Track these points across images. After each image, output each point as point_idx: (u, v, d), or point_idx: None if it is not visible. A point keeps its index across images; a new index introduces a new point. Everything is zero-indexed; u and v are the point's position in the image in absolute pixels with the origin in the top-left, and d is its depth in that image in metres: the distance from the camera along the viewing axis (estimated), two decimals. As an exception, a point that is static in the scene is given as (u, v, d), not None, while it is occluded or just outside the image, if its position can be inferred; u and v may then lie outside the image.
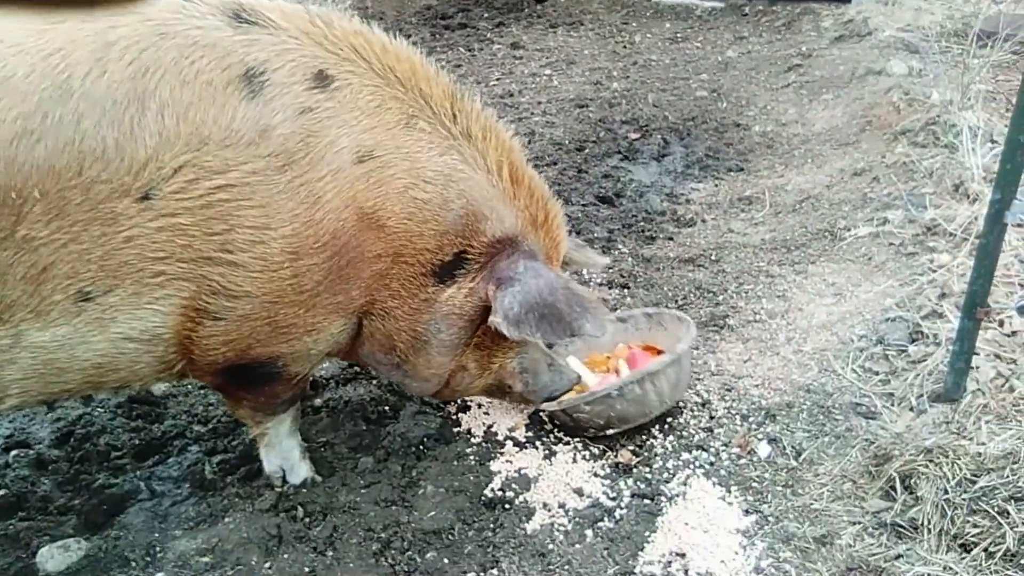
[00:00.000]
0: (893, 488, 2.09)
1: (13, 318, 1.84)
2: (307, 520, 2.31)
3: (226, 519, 2.33)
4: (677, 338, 2.58)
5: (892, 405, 2.43)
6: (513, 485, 2.35)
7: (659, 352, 2.58)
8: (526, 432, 2.57)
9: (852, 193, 3.93)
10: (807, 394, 2.59)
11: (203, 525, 2.34)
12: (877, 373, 2.60)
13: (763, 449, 2.38)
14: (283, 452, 2.40)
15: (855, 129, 4.69)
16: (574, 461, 2.44)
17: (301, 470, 2.43)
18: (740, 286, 3.33)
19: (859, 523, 2.07)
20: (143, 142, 1.77)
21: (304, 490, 2.41)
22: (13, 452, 2.74)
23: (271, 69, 1.88)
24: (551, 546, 2.15)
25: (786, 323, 3.01)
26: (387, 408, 2.80)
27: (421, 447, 2.58)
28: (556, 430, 2.58)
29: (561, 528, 2.20)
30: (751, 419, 2.53)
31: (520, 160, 2.23)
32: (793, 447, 2.38)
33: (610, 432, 2.44)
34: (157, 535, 2.32)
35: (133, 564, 2.23)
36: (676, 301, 3.29)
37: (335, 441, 2.66)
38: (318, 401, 2.88)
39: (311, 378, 2.50)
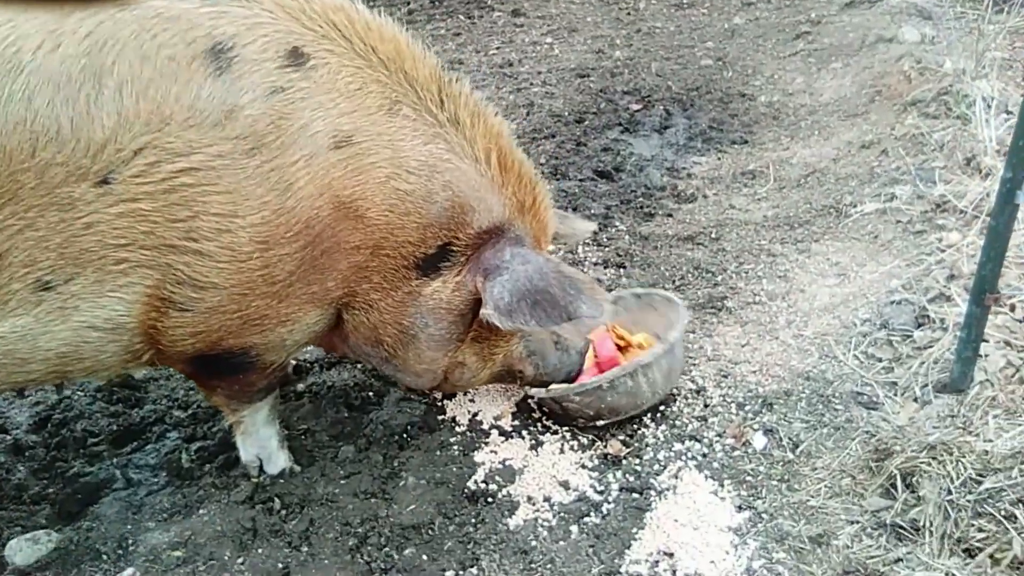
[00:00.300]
0: (894, 486, 1.99)
1: None
2: (283, 513, 2.23)
3: (201, 511, 2.26)
4: (668, 321, 2.46)
5: (895, 395, 2.32)
6: (497, 477, 2.26)
7: (623, 344, 2.46)
8: (512, 421, 2.48)
9: (859, 167, 3.78)
10: (806, 382, 2.48)
11: (177, 517, 2.27)
12: (880, 360, 2.48)
13: (759, 440, 2.28)
14: (260, 441, 2.31)
15: (864, 99, 4.51)
16: (561, 452, 2.34)
17: (279, 460, 2.35)
18: (740, 266, 3.20)
19: (857, 522, 1.97)
20: (100, 122, 1.65)
21: (281, 480, 2.33)
22: (-12, 438, 2.67)
23: (241, 44, 1.74)
24: (534, 543, 2.06)
25: (786, 305, 2.90)
26: (371, 394, 2.70)
27: (404, 435, 2.49)
28: (544, 418, 2.49)
29: (545, 524, 2.11)
30: (747, 408, 2.43)
31: (509, 145, 2.11)
32: (790, 438, 2.27)
33: (600, 423, 2.35)
34: (130, 527, 2.25)
35: (104, 557, 2.16)
36: (673, 281, 3.17)
37: (316, 429, 2.58)
38: (300, 386, 2.79)
39: (290, 366, 2.40)
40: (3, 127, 1.63)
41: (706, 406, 2.47)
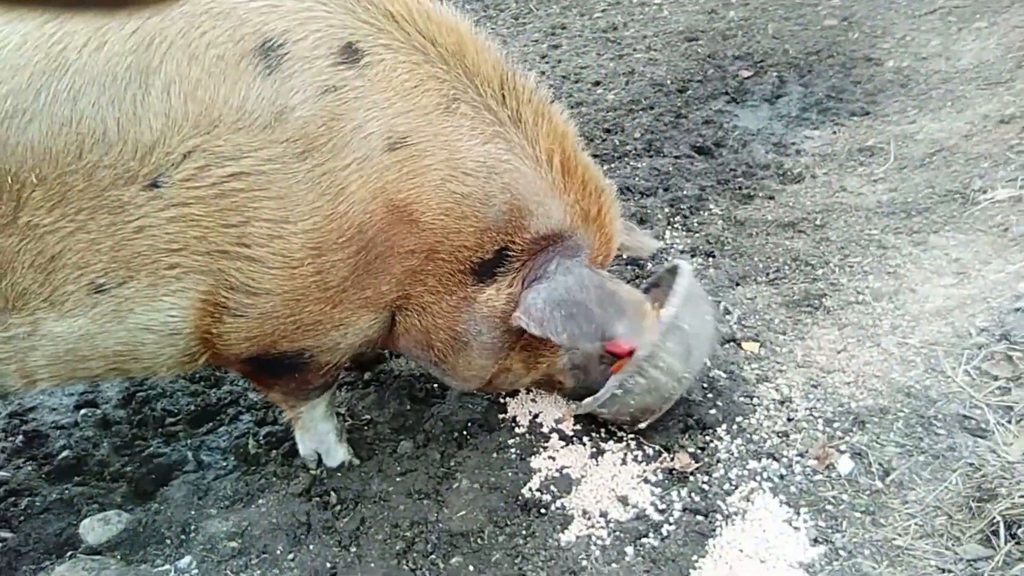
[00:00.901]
0: (995, 533, 1.73)
1: (27, 306, 1.78)
2: (337, 508, 2.21)
3: (260, 500, 2.28)
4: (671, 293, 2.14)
5: (1009, 422, 2.02)
6: (552, 487, 2.15)
7: None
8: (574, 425, 2.35)
9: (994, 146, 3.34)
10: (906, 398, 2.21)
11: (238, 505, 2.30)
12: (995, 379, 2.17)
13: (844, 464, 2.05)
14: (318, 436, 2.30)
15: (1009, 65, 3.99)
16: (623, 463, 2.20)
17: (337, 453, 2.33)
18: (845, 259, 2.90)
19: (949, 571, 1.73)
20: (147, 123, 1.62)
21: (339, 474, 2.32)
22: (82, 411, 2.80)
23: (291, 41, 1.67)
24: (585, 563, 1.94)
25: (893, 307, 2.60)
26: (434, 386, 2.64)
27: (464, 432, 2.42)
28: (608, 423, 2.34)
29: (599, 542, 1.99)
30: (836, 425, 2.19)
31: (574, 147, 1.99)
32: (881, 464, 2.03)
33: (643, 425, 2.16)
34: (194, 512, 2.29)
35: (168, 542, 2.21)
36: (767, 274, 2.92)
37: (379, 420, 2.54)
38: (368, 374, 2.77)
39: (345, 365, 2.37)
40: (49, 128, 1.62)
41: (789, 420, 2.25)
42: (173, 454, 2.55)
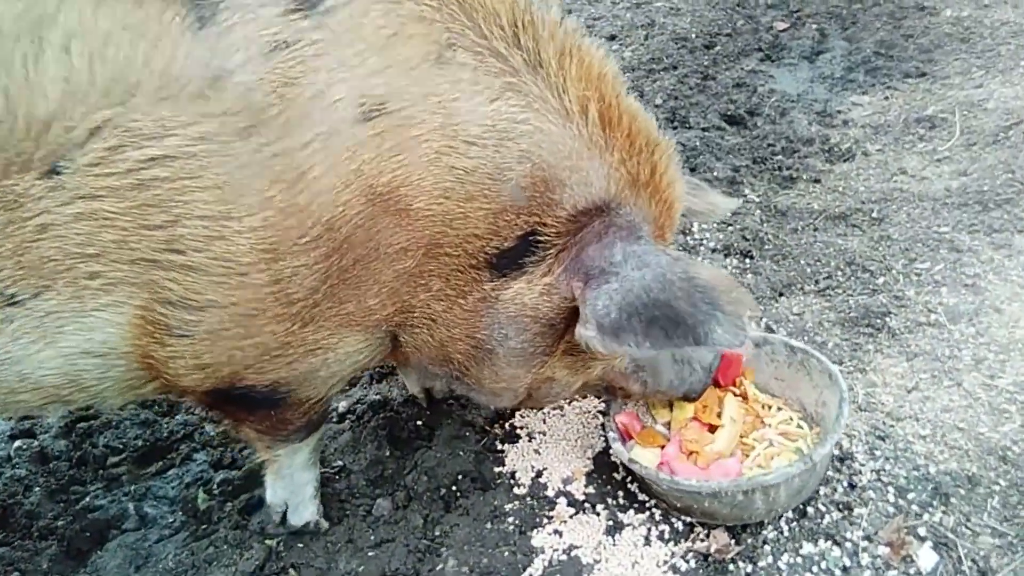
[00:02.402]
0: None
1: None
2: (297, 594, 1.82)
3: (205, 577, 1.89)
4: (821, 404, 1.84)
5: None
6: (558, 575, 1.74)
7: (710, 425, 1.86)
8: (586, 487, 1.93)
9: (1087, 120, 2.83)
10: (1002, 464, 1.77)
11: (180, 582, 1.91)
12: (1120, 444, 1.73)
13: (926, 557, 1.62)
14: (293, 486, 1.91)
15: (1096, 17, 3.43)
16: (646, 542, 1.78)
17: (306, 511, 1.94)
18: (910, 263, 2.43)
19: None
20: (42, 92, 1.25)
21: (300, 544, 1.92)
22: (17, 443, 2.42)
23: None
24: None
25: (974, 331, 2.14)
26: (421, 425, 2.22)
27: (453, 488, 2.01)
28: (629, 483, 1.93)
29: (616, 658, 1.59)
30: (911, 496, 1.76)
31: (615, 92, 1.53)
32: (975, 561, 1.60)
33: (689, 519, 1.78)
34: (127, 590, 1.91)
35: (93, 630, 1.84)
36: (816, 281, 2.46)
37: (353, 468, 2.14)
38: (343, 405, 2.35)
39: (335, 401, 1.95)
40: None
41: (852, 487, 1.82)
42: (112, 507, 2.16)
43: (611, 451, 1.88)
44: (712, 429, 1.87)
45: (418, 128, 1.37)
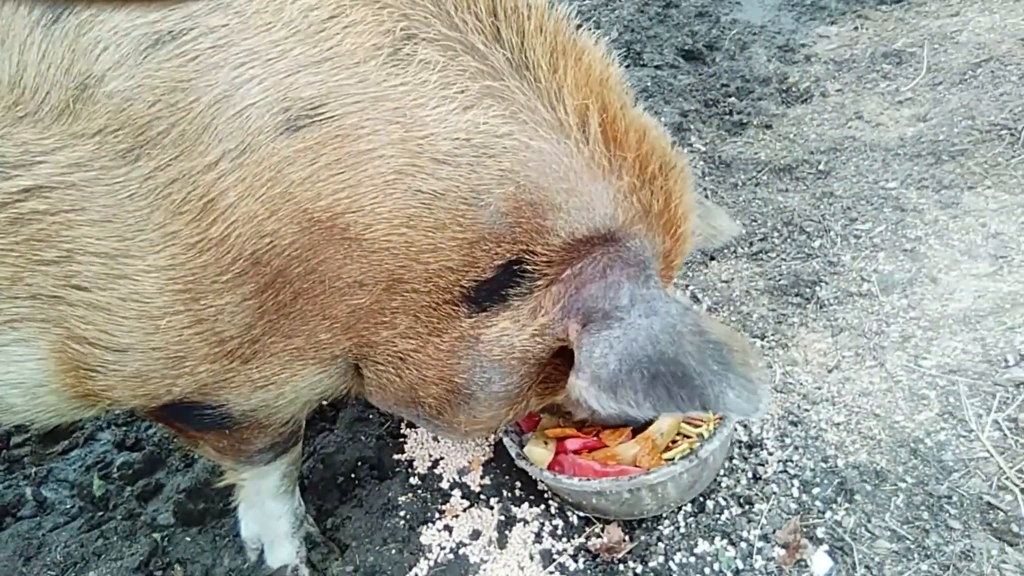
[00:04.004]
0: None
1: None
2: (180, 589, 1.76)
3: (90, 574, 1.83)
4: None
5: (1052, 519, 1.48)
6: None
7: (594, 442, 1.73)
8: (482, 478, 1.84)
9: (1060, 59, 2.60)
10: (911, 459, 1.66)
11: (67, 575, 1.86)
12: (1038, 440, 1.61)
13: (820, 562, 1.54)
14: (264, 518, 1.71)
15: (1086, -65, 3.13)
16: (536, 539, 1.70)
17: (281, 550, 1.73)
18: (850, 224, 2.27)
19: None
20: None
21: (188, 539, 1.86)
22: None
23: None
24: None
25: (906, 304, 2.00)
26: (327, 405, 2.13)
27: (352, 476, 1.93)
28: (524, 477, 1.84)
29: (491, 666, 1.53)
30: (815, 492, 1.66)
31: (620, 100, 1.27)
32: (868, 568, 1.51)
33: (582, 514, 1.70)
34: (14, 584, 1.87)
35: (-21, 626, 1.80)
36: (750, 243, 2.31)
37: (252, 452, 2.05)
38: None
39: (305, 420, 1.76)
40: None
41: (756, 479, 1.72)
42: (9, 492, 2.10)
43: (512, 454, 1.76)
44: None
45: (368, 140, 1.11)
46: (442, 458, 1.90)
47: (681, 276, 2.24)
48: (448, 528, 1.76)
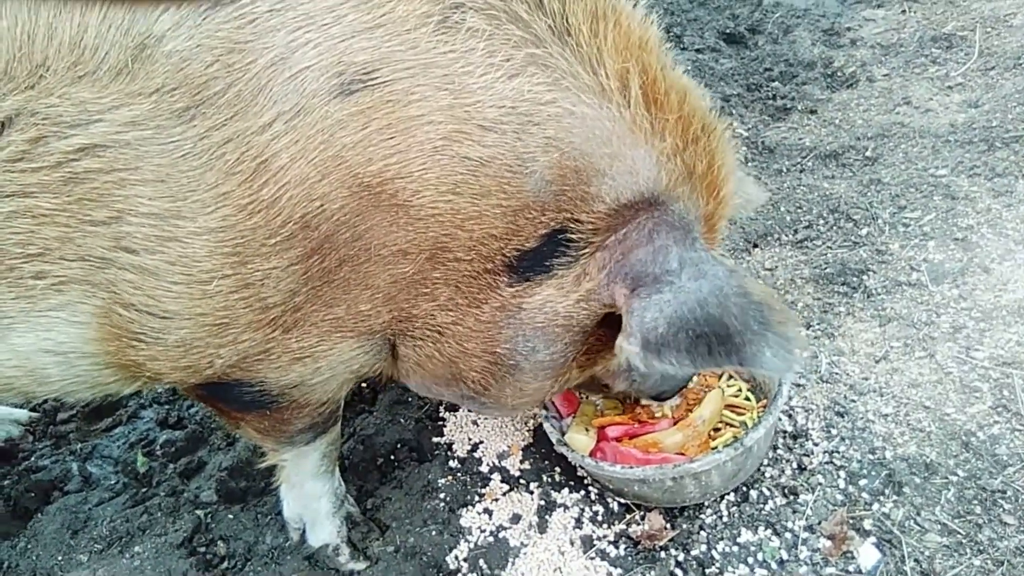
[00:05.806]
0: None
1: None
2: (223, 566, 1.79)
3: (136, 547, 1.86)
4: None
5: (1111, 517, 1.44)
6: (482, 561, 1.67)
7: (639, 422, 1.73)
8: (522, 463, 1.84)
9: (1121, 43, 2.51)
10: (963, 452, 1.63)
11: (113, 549, 1.89)
12: (1096, 435, 1.57)
13: (867, 555, 1.51)
14: (305, 498, 1.73)
15: None
16: (577, 525, 1.70)
17: (323, 530, 1.75)
18: (899, 212, 2.22)
19: None
20: None
21: (231, 516, 1.88)
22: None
23: None
24: None
25: (957, 294, 1.95)
26: (365, 386, 2.14)
27: (391, 459, 1.94)
28: (563, 462, 1.83)
29: (531, 650, 1.53)
30: (862, 483, 1.64)
31: (661, 63, 1.27)
32: (918, 561, 1.49)
33: (624, 501, 1.69)
34: (61, 558, 1.90)
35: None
36: (795, 230, 2.27)
37: (293, 432, 2.07)
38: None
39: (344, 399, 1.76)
40: None
41: (801, 469, 1.70)
42: (56, 467, 2.14)
43: (553, 439, 1.76)
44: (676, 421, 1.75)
45: (418, 106, 1.13)
46: (481, 442, 1.90)
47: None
48: (488, 511, 1.76)
